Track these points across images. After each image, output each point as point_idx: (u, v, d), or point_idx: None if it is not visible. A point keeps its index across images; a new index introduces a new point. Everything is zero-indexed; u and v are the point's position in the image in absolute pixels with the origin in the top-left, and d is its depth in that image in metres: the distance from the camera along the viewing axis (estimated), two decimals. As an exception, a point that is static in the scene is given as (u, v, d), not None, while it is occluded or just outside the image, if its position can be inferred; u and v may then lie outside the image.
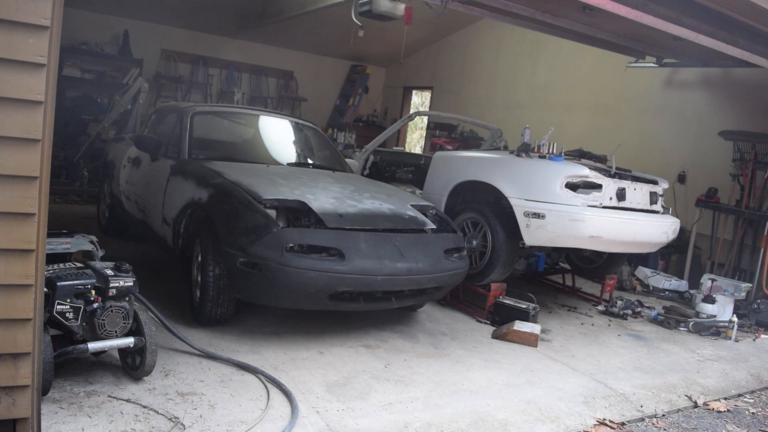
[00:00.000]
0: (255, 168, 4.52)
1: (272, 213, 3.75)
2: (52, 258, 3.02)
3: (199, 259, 3.95)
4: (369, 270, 3.67)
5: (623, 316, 5.63)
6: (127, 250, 5.62)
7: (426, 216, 4.39)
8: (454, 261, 4.19)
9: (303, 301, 3.77)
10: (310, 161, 5.49)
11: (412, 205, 4.43)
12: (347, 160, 5.94)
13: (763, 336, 5.56)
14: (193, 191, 4.12)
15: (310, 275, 3.53)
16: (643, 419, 3.50)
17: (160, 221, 4.57)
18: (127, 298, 2.95)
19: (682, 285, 6.78)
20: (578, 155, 6.71)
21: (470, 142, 10.01)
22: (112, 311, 2.88)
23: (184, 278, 4.22)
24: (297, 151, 5.66)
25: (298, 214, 3.86)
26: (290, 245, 3.55)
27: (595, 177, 4.76)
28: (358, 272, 3.63)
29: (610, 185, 4.85)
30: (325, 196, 4.05)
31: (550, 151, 5.26)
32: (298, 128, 5.78)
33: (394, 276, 3.77)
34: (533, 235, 4.71)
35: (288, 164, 5.11)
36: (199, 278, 3.93)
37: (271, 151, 5.49)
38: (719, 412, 3.77)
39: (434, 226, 4.28)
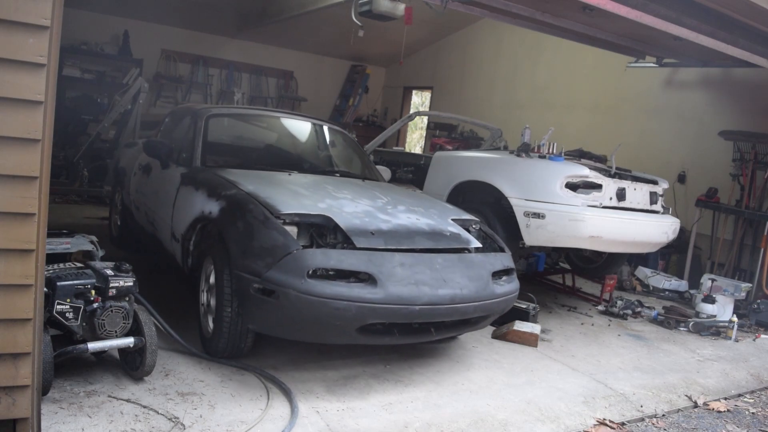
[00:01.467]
0: (274, 177, 4.07)
1: (292, 230, 3.27)
2: (52, 258, 3.02)
3: (211, 281, 3.50)
4: (405, 298, 3.12)
5: (623, 316, 5.63)
6: (133, 252, 5.61)
7: (469, 232, 3.88)
8: (503, 285, 3.66)
9: (328, 335, 3.27)
10: (336, 169, 4.91)
11: (453, 220, 3.90)
12: (378, 167, 5.37)
13: (763, 336, 5.56)
14: (204, 203, 3.67)
15: (336, 305, 3.00)
16: (643, 419, 3.50)
17: (169, 236, 4.14)
18: (127, 298, 2.95)
19: (682, 285, 6.78)
20: (578, 155, 6.71)
21: (470, 142, 10.02)
22: (112, 311, 2.88)
23: (192, 289, 3.95)
24: (322, 158, 5.13)
25: (322, 231, 3.37)
26: (313, 269, 3.06)
27: (595, 177, 4.77)
28: (393, 301, 3.10)
29: (610, 185, 4.85)
30: (354, 210, 3.57)
31: (550, 151, 5.28)
32: (323, 132, 5.25)
33: (435, 305, 3.22)
34: (533, 235, 4.71)
35: (312, 172, 4.55)
36: (211, 302, 3.48)
37: (293, 158, 4.98)
38: (719, 412, 3.77)
39: (479, 245, 3.75)
